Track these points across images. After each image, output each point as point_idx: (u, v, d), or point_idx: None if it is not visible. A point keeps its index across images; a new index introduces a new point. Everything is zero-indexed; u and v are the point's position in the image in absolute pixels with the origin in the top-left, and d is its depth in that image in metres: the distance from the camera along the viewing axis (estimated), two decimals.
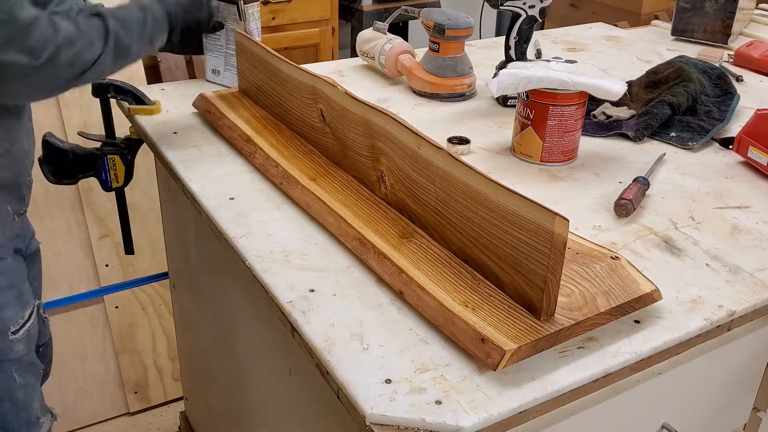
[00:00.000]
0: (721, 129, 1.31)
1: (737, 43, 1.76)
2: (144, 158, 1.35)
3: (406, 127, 0.91)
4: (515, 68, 1.16)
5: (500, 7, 1.35)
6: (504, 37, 1.41)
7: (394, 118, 0.93)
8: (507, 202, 0.77)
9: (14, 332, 1.12)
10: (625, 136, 1.29)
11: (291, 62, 1.15)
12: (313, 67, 1.24)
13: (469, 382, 0.72)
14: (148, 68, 2.02)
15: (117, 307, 1.89)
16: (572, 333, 0.77)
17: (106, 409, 1.95)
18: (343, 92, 1.02)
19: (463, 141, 1.22)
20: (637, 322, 0.82)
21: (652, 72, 1.47)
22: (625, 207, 1.02)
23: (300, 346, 0.79)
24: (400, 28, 3.08)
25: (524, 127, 1.17)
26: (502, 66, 1.41)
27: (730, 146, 1.24)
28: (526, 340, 0.73)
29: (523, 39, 1.39)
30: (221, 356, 1.27)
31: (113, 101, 1.32)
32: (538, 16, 1.37)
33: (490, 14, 2.89)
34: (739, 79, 1.57)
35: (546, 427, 0.79)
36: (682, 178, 1.15)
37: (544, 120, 1.14)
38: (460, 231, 0.86)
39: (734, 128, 1.30)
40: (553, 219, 0.72)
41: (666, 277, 0.90)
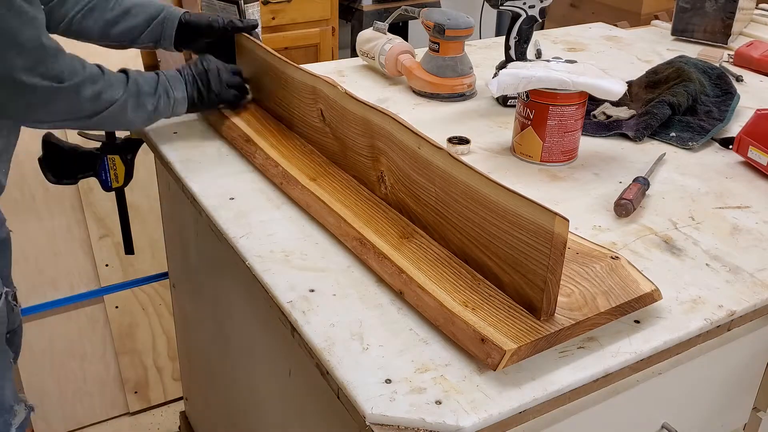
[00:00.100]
0: (721, 129, 1.31)
1: (737, 43, 1.76)
2: (144, 158, 1.35)
3: (406, 127, 0.91)
4: (515, 68, 1.16)
5: (500, 7, 1.35)
6: (504, 37, 1.41)
7: (394, 118, 0.93)
8: (507, 202, 0.77)
9: None
10: (625, 136, 1.29)
11: (291, 62, 1.15)
12: (313, 67, 1.24)
13: (469, 382, 0.72)
14: (148, 68, 2.02)
15: (117, 307, 1.89)
16: (572, 333, 0.77)
17: (106, 409, 1.95)
18: (343, 92, 1.02)
19: (463, 141, 1.22)
20: (637, 322, 0.82)
21: (652, 72, 1.47)
22: (625, 207, 1.02)
23: (300, 346, 0.79)
24: (400, 28, 3.08)
25: (524, 127, 1.17)
26: (502, 66, 1.41)
27: (730, 146, 1.24)
28: (526, 340, 0.73)
29: (523, 39, 1.39)
30: (221, 356, 1.26)
31: None
32: (538, 16, 1.37)
33: (490, 14, 2.89)
34: (739, 79, 1.57)
35: (546, 427, 0.79)
36: (682, 178, 1.15)
37: (544, 120, 1.14)
38: (460, 231, 0.86)
39: (734, 128, 1.30)
40: (553, 219, 0.72)
41: (666, 277, 0.90)
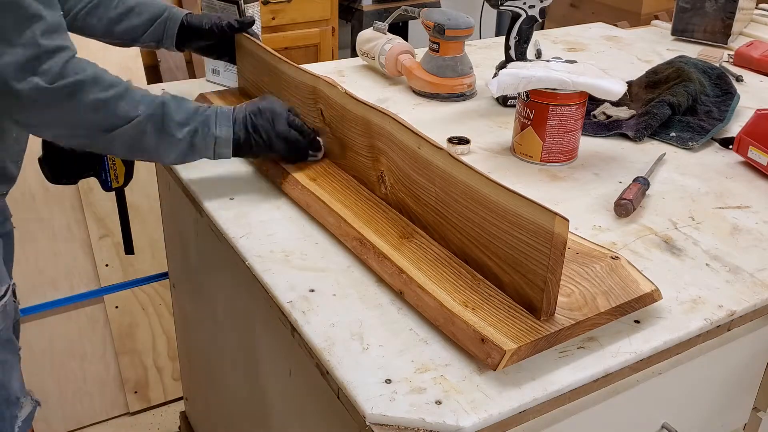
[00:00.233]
0: (721, 129, 1.31)
1: (737, 43, 1.76)
2: None
3: (406, 127, 0.91)
4: (515, 68, 1.16)
5: (500, 7, 1.35)
6: (504, 37, 1.41)
7: (394, 118, 0.93)
8: (507, 202, 0.77)
9: None
10: (625, 136, 1.29)
11: (291, 62, 1.15)
12: (313, 67, 1.24)
13: (469, 382, 0.72)
14: (148, 68, 2.02)
15: (117, 307, 1.89)
16: (572, 333, 0.77)
17: (106, 409, 1.95)
18: (343, 92, 1.02)
19: (463, 141, 1.22)
20: (637, 322, 0.82)
21: (652, 72, 1.47)
22: (625, 207, 1.02)
23: (300, 346, 0.79)
24: (400, 28, 3.08)
25: (524, 127, 1.17)
26: (502, 66, 1.41)
27: (730, 146, 1.24)
28: (526, 340, 0.73)
29: (523, 39, 1.39)
30: (221, 356, 1.27)
31: None
32: (538, 16, 1.37)
33: (490, 14, 2.89)
34: (739, 79, 1.57)
35: (546, 427, 0.78)
36: (682, 178, 1.15)
37: (544, 120, 1.14)
38: (460, 231, 0.86)
39: (734, 128, 1.30)
40: (553, 219, 0.72)
41: (666, 277, 0.90)
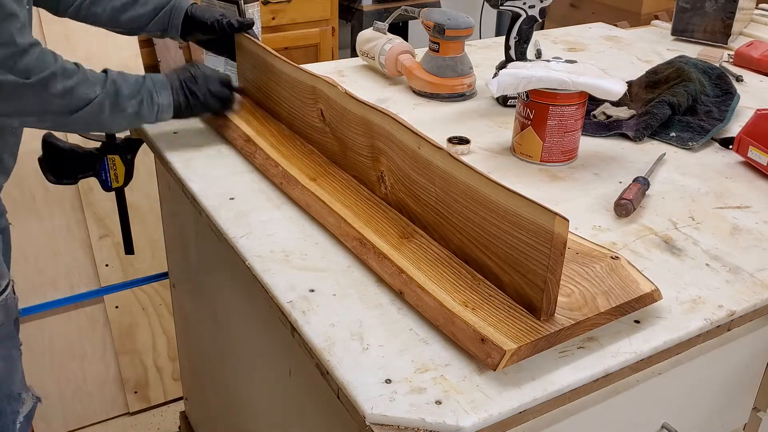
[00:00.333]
0: (721, 129, 1.31)
1: (737, 43, 1.76)
2: (144, 158, 1.35)
3: (406, 127, 0.91)
4: (515, 68, 1.16)
5: (500, 7, 1.35)
6: (504, 37, 1.41)
7: (394, 118, 0.93)
8: (507, 202, 0.77)
9: None
10: (625, 136, 1.29)
11: (291, 62, 1.15)
12: (313, 67, 1.24)
13: (469, 382, 0.72)
14: (148, 68, 2.02)
15: (117, 307, 1.89)
16: (572, 333, 0.77)
17: (106, 409, 1.95)
18: (343, 92, 1.02)
19: (463, 141, 1.22)
20: (637, 322, 0.82)
21: (652, 72, 1.47)
22: (625, 207, 1.02)
23: (300, 346, 0.79)
24: (400, 28, 3.08)
25: (524, 127, 1.17)
26: (502, 66, 1.41)
27: (730, 146, 1.24)
28: (526, 340, 0.73)
29: (523, 39, 1.39)
30: (221, 356, 1.27)
31: None
32: (538, 16, 1.37)
33: (490, 14, 2.89)
34: (739, 79, 1.57)
35: (546, 427, 0.78)
36: (682, 178, 1.15)
37: (544, 120, 1.14)
38: (460, 231, 0.86)
39: (734, 128, 1.30)
40: (553, 219, 0.72)
41: (666, 277, 0.90)
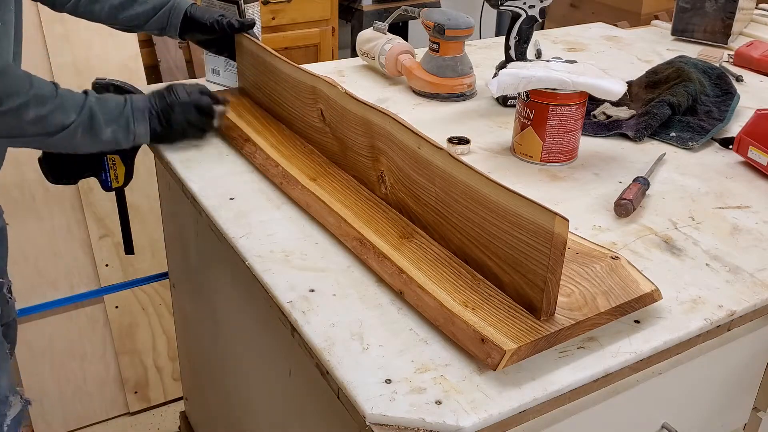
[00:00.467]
0: (721, 129, 1.31)
1: (737, 43, 1.76)
2: (144, 158, 1.35)
3: (406, 127, 0.91)
4: (515, 68, 1.16)
5: (500, 7, 1.35)
6: (504, 37, 1.41)
7: (394, 118, 0.93)
8: (507, 202, 0.77)
9: None
10: (625, 136, 1.29)
11: (291, 62, 1.15)
12: (313, 67, 1.24)
13: (469, 382, 0.72)
14: (148, 68, 2.02)
15: (117, 307, 1.89)
16: (572, 333, 0.77)
17: (106, 409, 1.95)
18: (343, 92, 1.02)
19: (463, 141, 1.22)
20: (637, 322, 0.82)
21: (652, 72, 1.47)
22: (625, 207, 1.02)
23: (300, 346, 0.79)
24: (400, 28, 3.08)
25: (524, 127, 1.17)
26: (502, 66, 1.41)
27: (730, 146, 1.24)
28: (526, 340, 0.73)
29: (523, 39, 1.39)
30: (221, 356, 1.27)
31: None
32: (538, 16, 1.37)
33: (490, 14, 2.89)
34: (739, 79, 1.57)
35: (546, 427, 0.78)
36: (682, 178, 1.15)
37: (544, 120, 1.14)
38: (460, 231, 0.86)
39: (734, 128, 1.30)
40: (553, 219, 0.72)
41: (666, 277, 0.90)
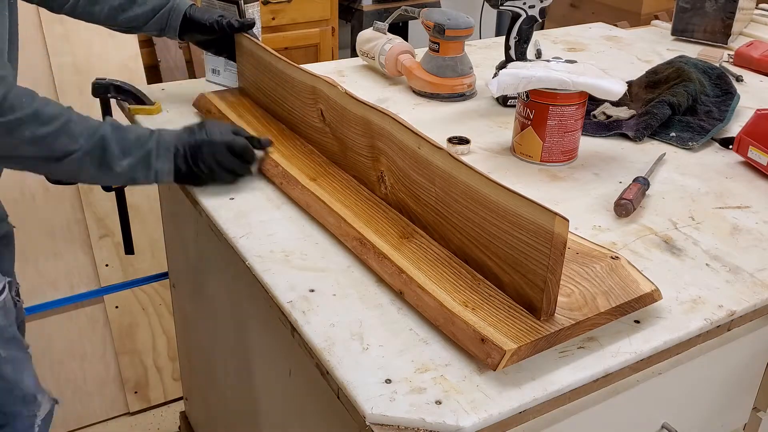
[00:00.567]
0: (721, 129, 1.31)
1: (737, 43, 1.76)
2: None
3: (406, 127, 0.91)
4: (515, 68, 1.16)
5: (500, 7, 1.35)
6: (504, 37, 1.41)
7: (394, 118, 0.93)
8: (507, 202, 0.77)
9: None
10: (625, 136, 1.29)
11: (291, 62, 1.15)
12: (313, 67, 1.24)
13: (469, 382, 0.72)
14: (149, 68, 2.02)
15: (117, 307, 1.89)
16: (572, 333, 0.77)
17: (106, 409, 1.95)
18: (343, 92, 1.02)
19: (463, 141, 1.22)
20: (637, 322, 0.82)
21: (652, 72, 1.47)
22: (625, 207, 1.02)
23: (300, 346, 0.79)
24: (400, 28, 3.08)
25: (524, 127, 1.17)
26: (502, 66, 1.41)
27: (730, 146, 1.24)
28: (526, 340, 0.73)
29: (523, 39, 1.39)
30: (221, 356, 1.27)
31: (113, 101, 1.32)
32: (538, 16, 1.37)
33: (490, 14, 2.89)
34: (739, 79, 1.57)
35: (546, 427, 0.78)
36: (682, 178, 1.15)
37: (544, 120, 1.14)
38: (460, 231, 0.86)
39: (734, 128, 1.30)
40: (553, 219, 0.72)
41: (666, 277, 0.90)
